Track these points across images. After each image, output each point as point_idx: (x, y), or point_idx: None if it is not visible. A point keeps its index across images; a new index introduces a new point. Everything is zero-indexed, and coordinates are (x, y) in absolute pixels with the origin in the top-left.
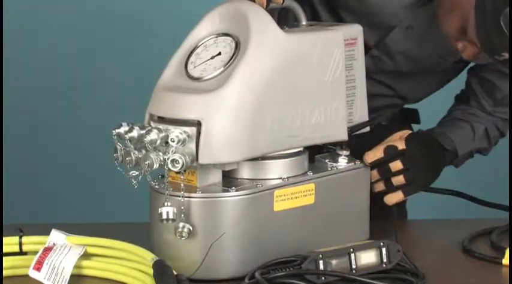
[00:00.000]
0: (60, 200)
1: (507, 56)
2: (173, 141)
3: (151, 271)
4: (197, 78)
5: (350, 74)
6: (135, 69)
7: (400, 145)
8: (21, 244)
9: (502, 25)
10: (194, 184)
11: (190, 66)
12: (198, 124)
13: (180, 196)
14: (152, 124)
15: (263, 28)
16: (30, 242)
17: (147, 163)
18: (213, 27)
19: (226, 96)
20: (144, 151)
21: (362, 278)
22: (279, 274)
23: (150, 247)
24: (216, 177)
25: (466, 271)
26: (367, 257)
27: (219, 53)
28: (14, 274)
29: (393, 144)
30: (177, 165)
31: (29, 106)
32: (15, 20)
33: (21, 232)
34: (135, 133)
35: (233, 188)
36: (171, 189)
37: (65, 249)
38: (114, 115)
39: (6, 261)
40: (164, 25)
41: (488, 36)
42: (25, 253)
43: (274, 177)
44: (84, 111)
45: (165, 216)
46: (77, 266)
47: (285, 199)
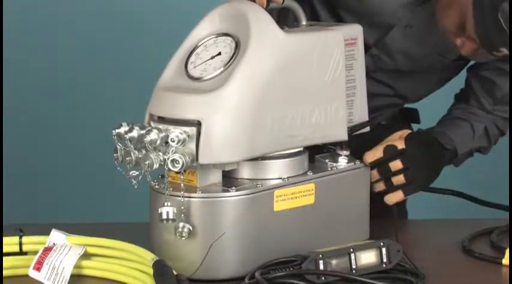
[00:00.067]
0: (60, 200)
1: (505, 52)
2: (173, 141)
3: (151, 271)
4: (197, 78)
5: (350, 74)
6: (135, 69)
7: (400, 145)
8: (21, 244)
9: (500, 20)
10: (194, 184)
11: (190, 66)
12: (198, 124)
13: (180, 196)
14: (152, 124)
15: (263, 28)
16: (30, 242)
17: (147, 163)
18: (213, 27)
19: (226, 96)
20: (144, 151)
21: (362, 278)
22: (279, 274)
23: (150, 247)
24: (216, 177)
25: (466, 271)
26: (367, 257)
27: (219, 53)
28: (14, 274)
29: (393, 143)
30: (177, 165)
31: (29, 106)
32: (15, 20)
33: (21, 232)
34: (135, 133)
35: (233, 188)
36: (171, 189)
37: (65, 249)
38: (114, 115)
39: (6, 261)
40: (164, 25)
41: (487, 31)
42: (25, 253)
43: (274, 177)
44: (84, 111)
45: (165, 216)
46: (77, 266)
47: (285, 199)
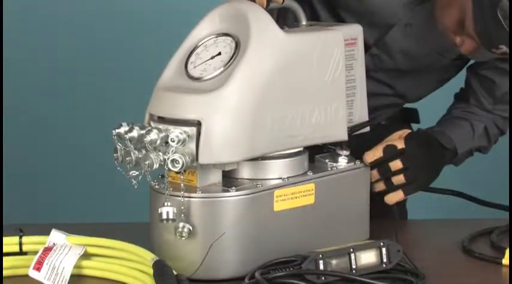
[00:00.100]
0: (60, 200)
1: (505, 49)
2: (173, 141)
3: (151, 271)
4: (197, 78)
5: (350, 74)
6: (135, 69)
7: (400, 145)
8: (21, 244)
9: (500, 17)
10: (194, 184)
11: (190, 66)
12: (198, 124)
13: (180, 196)
14: (152, 124)
15: (263, 28)
16: (30, 242)
17: (147, 163)
18: (213, 27)
19: (226, 96)
20: (144, 151)
21: (362, 278)
22: (279, 274)
23: (150, 247)
24: (216, 177)
25: (466, 271)
26: (367, 257)
27: (219, 53)
28: (14, 274)
29: (392, 143)
30: (177, 165)
31: (29, 106)
32: (15, 20)
33: (21, 232)
34: (135, 133)
35: (233, 188)
36: (171, 189)
37: (65, 249)
38: (114, 115)
39: (6, 261)
40: (164, 25)
41: (486, 28)
42: (25, 253)
43: (274, 177)
44: (84, 111)
45: (165, 216)
46: (77, 266)
47: (285, 199)
